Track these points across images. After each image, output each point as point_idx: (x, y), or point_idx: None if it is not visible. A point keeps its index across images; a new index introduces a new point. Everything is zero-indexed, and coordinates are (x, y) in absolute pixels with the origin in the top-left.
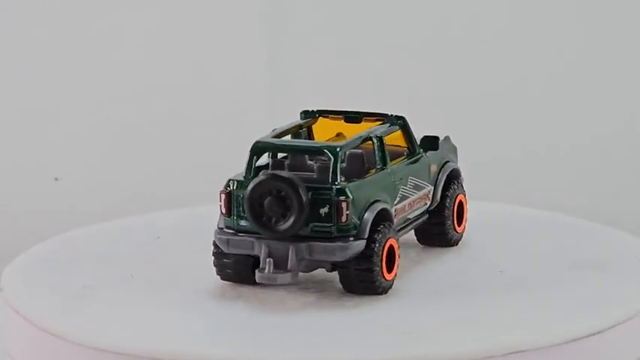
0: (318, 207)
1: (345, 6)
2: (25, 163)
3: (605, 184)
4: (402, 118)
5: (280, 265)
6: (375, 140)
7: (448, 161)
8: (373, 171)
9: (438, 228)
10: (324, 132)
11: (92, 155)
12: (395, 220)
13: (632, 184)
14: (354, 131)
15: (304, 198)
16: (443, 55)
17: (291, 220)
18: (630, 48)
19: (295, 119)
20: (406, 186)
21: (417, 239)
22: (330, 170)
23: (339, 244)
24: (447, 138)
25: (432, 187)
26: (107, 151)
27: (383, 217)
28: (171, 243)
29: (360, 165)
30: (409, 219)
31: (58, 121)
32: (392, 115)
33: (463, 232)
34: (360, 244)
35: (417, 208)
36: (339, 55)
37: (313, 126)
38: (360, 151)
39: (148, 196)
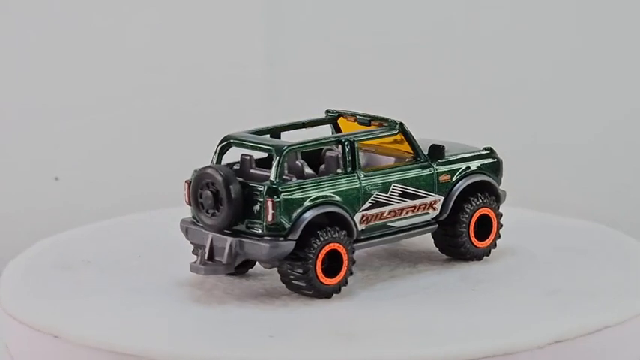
0: (252, 204)
1: (346, 6)
2: (25, 163)
3: (604, 184)
4: (400, 124)
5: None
6: (345, 143)
7: (474, 173)
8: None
9: (452, 240)
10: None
11: (92, 155)
12: (362, 226)
13: (632, 184)
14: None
15: (233, 194)
16: (443, 55)
17: (221, 214)
18: (631, 48)
19: (298, 118)
20: (386, 193)
21: (439, 250)
22: (272, 168)
23: (266, 243)
24: (487, 150)
25: (442, 197)
26: (107, 151)
27: (334, 220)
28: (169, 241)
29: (335, 167)
30: (394, 227)
31: (58, 121)
32: (391, 121)
33: (490, 247)
34: (287, 245)
35: (410, 217)
36: (339, 54)
37: (342, 128)
38: (336, 153)
39: (147, 196)
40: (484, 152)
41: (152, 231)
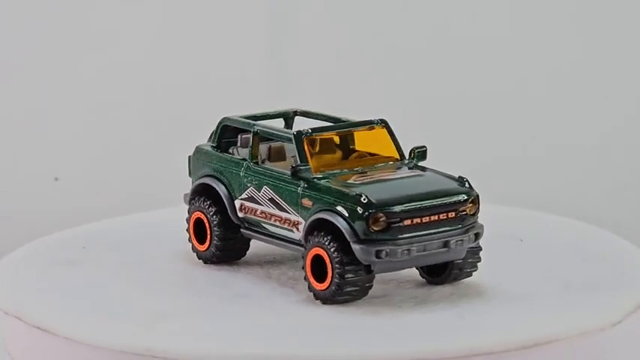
0: None
1: (346, 6)
2: (25, 163)
3: (603, 185)
4: (293, 134)
5: None
6: (254, 131)
7: (325, 210)
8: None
9: None
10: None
11: (92, 155)
12: (241, 214)
13: (632, 184)
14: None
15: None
16: (443, 56)
17: None
18: (630, 49)
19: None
20: (258, 191)
21: None
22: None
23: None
24: (361, 195)
25: (303, 221)
26: (107, 151)
27: (208, 192)
28: (169, 239)
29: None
30: (268, 230)
31: (58, 122)
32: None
33: (329, 292)
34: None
35: (279, 227)
36: (340, 54)
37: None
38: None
39: (147, 196)
40: (352, 194)
41: (152, 231)
